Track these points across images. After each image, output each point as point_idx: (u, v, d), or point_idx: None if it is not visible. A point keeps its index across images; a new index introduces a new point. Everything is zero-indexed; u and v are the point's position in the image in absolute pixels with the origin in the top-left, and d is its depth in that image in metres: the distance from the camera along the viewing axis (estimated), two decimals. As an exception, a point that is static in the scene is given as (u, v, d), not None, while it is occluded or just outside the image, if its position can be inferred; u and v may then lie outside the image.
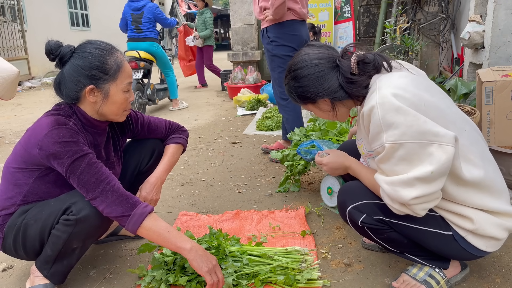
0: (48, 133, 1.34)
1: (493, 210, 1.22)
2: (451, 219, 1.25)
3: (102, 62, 1.42)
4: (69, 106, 1.47)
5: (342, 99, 1.30)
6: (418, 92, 1.18)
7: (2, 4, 8.60)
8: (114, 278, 1.62)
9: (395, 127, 1.12)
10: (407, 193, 1.12)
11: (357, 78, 1.26)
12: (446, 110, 1.21)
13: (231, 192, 2.51)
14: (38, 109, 5.92)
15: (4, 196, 1.46)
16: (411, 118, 1.11)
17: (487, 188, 1.21)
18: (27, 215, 1.42)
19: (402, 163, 1.13)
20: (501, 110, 2.10)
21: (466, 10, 4.20)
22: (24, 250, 1.45)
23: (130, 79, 1.51)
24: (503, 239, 1.26)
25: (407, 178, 1.12)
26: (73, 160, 1.34)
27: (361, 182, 1.39)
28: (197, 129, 4.36)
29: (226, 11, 23.62)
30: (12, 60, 8.48)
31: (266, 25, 2.91)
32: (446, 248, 1.29)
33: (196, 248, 1.39)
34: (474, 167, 1.19)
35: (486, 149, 1.30)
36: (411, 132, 1.10)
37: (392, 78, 1.23)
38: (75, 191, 1.42)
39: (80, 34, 12.08)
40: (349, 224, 1.38)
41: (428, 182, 1.11)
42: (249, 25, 6.72)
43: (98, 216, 1.38)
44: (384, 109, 1.13)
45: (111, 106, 1.47)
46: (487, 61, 2.77)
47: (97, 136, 1.54)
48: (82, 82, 1.41)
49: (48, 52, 1.43)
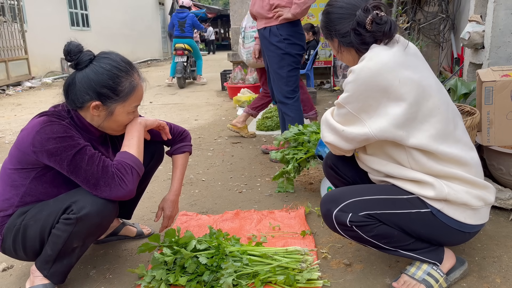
0: (40, 130, 1.33)
1: (460, 177, 1.32)
2: (416, 190, 1.34)
3: (116, 83, 1.41)
4: (67, 110, 1.45)
5: (347, 45, 1.43)
6: (397, 71, 1.29)
7: (2, 4, 8.60)
8: (114, 278, 1.62)
9: (349, 93, 1.32)
10: (326, 134, 1.43)
11: (364, 32, 1.36)
12: (427, 88, 1.33)
13: (231, 192, 2.51)
14: (38, 109, 5.92)
15: (2, 197, 1.46)
16: (362, 95, 1.30)
17: (455, 160, 1.33)
18: (26, 216, 1.42)
19: (338, 117, 1.40)
20: (501, 110, 2.10)
21: (466, 10, 4.20)
22: (24, 251, 1.45)
23: (139, 102, 1.51)
24: (478, 208, 1.34)
25: (332, 125, 1.40)
26: (74, 154, 1.34)
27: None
28: (197, 129, 4.36)
29: (226, 11, 23.63)
30: (12, 60, 8.48)
31: (275, 23, 2.86)
32: (431, 229, 1.35)
33: (139, 124, 1.54)
34: (442, 143, 1.32)
35: (458, 129, 1.38)
36: (355, 106, 1.32)
37: (380, 54, 1.33)
38: (75, 191, 1.42)
39: (80, 34, 12.06)
40: (338, 230, 1.39)
41: (339, 138, 1.38)
42: (249, 25, 6.71)
43: (99, 215, 1.38)
44: (354, 76, 1.31)
45: (112, 124, 1.48)
46: (487, 61, 2.77)
47: (92, 141, 1.51)
48: (90, 95, 1.40)
49: (67, 53, 1.41)
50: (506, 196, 1.99)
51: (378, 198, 1.36)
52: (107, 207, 1.40)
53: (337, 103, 1.39)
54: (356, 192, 1.40)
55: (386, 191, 1.39)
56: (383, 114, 1.30)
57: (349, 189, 1.46)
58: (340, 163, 1.69)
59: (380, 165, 1.42)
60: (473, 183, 1.33)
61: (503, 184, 2.11)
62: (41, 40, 10.10)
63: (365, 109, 1.32)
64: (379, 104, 1.30)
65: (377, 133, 1.30)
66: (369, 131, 1.31)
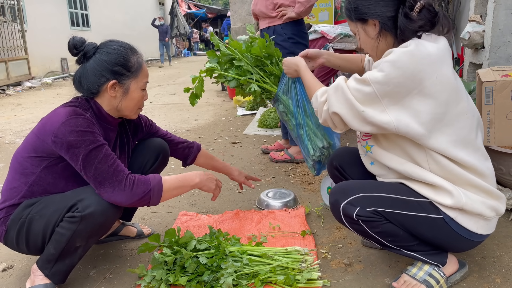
0: (65, 121, 1.37)
1: (478, 186, 1.29)
2: (432, 196, 1.30)
3: (126, 59, 1.50)
4: (86, 100, 1.51)
5: (389, 30, 1.32)
6: (438, 66, 1.23)
7: (2, 4, 8.60)
8: (114, 278, 1.62)
9: (383, 72, 1.22)
10: (337, 105, 1.32)
11: (415, 18, 1.27)
12: (460, 91, 1.29)
13: (231, 192, 2.51)
14: (38, 109, 5.93)
15: (10, 186, 1.47)
16: (396, 79, 1.21)
17: (473, 169, 1.29)
18: (32, 209, 1.43)
19: (358, 92, 1.28)
20: (501, 110, 2.10)
21: (466, 10, 4.20)
22: (26, 245, 1.45)
23: (147, 78, 1.60)
24: (491, 218, 1.32)
25: (350, 100, 1.29)
26: (90, 150, 1.38)
27: (304, 84, 1.63)
28: (197, 129, 4.36)
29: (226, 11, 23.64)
30: (12, 60, 8.48)
31: (279, 22, 2.86)
32: (440, 235, 1.32)
33: (201, 176, 1.64)
34: (461, 150, 1.27)
35: (479, 138, 1.36)
36: (383, 88, 1.23)
37: (425, 44, 1.26)
38: (82, 189, 1.44)
39: (80, 34, 11.82)
40: (344, 221, 1.38)
41: (353, 115, 1.29)
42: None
43: (103, 215, 1.39)
44: (394, 57, 1.22)
45: (129, 102, 1.54)
46: (487, 61, 2.77)
47: (109, 131, 1.58)
48: (105, 76, 1.47)
49: (72, 47, 1.48)
50: (506, 196, 1.99)
51: (388, 196, 1.34)
52: (111, 208, 1.41)
53: (362, 79, 1.27)
54: (367, 187, 1.38)
55: (397, 190, 1.35)
56: (407, 107, 1.23)
57: (360, 183, 1.43)
58: (346, 165, 1.67)
59: (397, 163, 1.35)
60: (489, 192, 1.30)
61: (503, 184, 2.11)
62: (41, 40, 10.10)
63: (391, 94, 1.23)
64: (407, 95, 1.22)
65: (399, 125, 1.23)
66: (392, 121, 1.23)
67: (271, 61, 1.90)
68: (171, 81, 9.38)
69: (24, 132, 4.46)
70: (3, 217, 1.46)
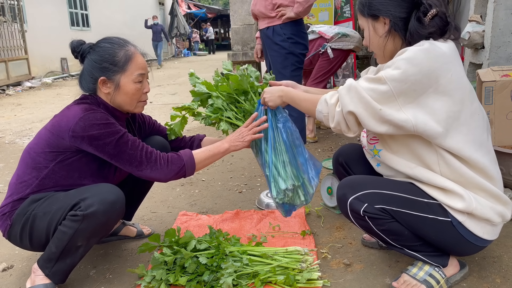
0: (83, 116, 1.42)
1: (488, 190, 1.28)
2: (442, 199, 1.29)
3: (112, 55, 1.52)
4: (95, 97, 1.55)
5: (399, 31, 1.32)
6: (453, 64, 1.24)
7: (2, 4, 8.60)
8: (114, 278, 1.62)
9: (400, 70, 1.20)
10: (351, 104, 1.27)
11: (427, 22, 1.27)
12: (473, 90, 1.29)
13: (231, 192, 2.51)
14: (38, 109, 5.93)
15: (19, 180, 1.49)
16: (413, 76, 1.19)
17: (485, 172, 1.28)
18: (37, 205, 1.43)
19: (372, 92, 1.25)
20: (501, 110, 2.10)
21: (466, 10, 4.20)
22: (29, 241, 1.46)
23: (142, 70, 1.57)
24: (497, 224, 1.32)
25: (365, 98, 1.25)
26: (117, 139, 1.44)
27: (299, 104, 1.51)
28: (197, 129, 4.36)
29: (226, 11, 23.64)
30: (12, 60, 8.48)
31: (278, 22, 2.85)
32: (445, 237, 1.32)
33: (230, 141, 1.64)
34: (477, 150, 1.26)
35: (489, 140, 1.35)
36: (400, 86, 1.20)
37: (438, 44, 1.26)
38: (86, 188, 1.45)
39: (80, 34, 12.07)
40: (350, 216, 1.38)
41: (369, 114, 1.25)
42: (249, 25, 6.71)
43: (105, 214, 1.39)
44: (410, 55, 1.20)
45: (123, 97, 1.55)
46: (487, 61, 2.77)
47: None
48: (95, 74, 1.52)
49: (73, 50, 1.56)
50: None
51: (397, 195, 1.33)
52: (114, 207, 1.42)
53: (376, 78, 1.25)
54: (376, 183, 1.37)
55: (407, 190, 1.34)
56: (423, 105, 1.21)
57: (369, 178, 1.42)
58: (351, 162, 1.66)
59: (407, 167, 1.33)
60: (497, 197, 1.30)
61: (503, 184, 2.11)
62: (41, 40, 10.10)
63: (408, 93, 1.21)
64: (423, 93, 1.21)
65: (417, 123, 1.20)
66: (410, 119, 1.20)
67: (246, 97, 1.79)
68: (171, 81, 9.38)
69: (24, 132, 4.46)
70: (9, 211, 1.46)
